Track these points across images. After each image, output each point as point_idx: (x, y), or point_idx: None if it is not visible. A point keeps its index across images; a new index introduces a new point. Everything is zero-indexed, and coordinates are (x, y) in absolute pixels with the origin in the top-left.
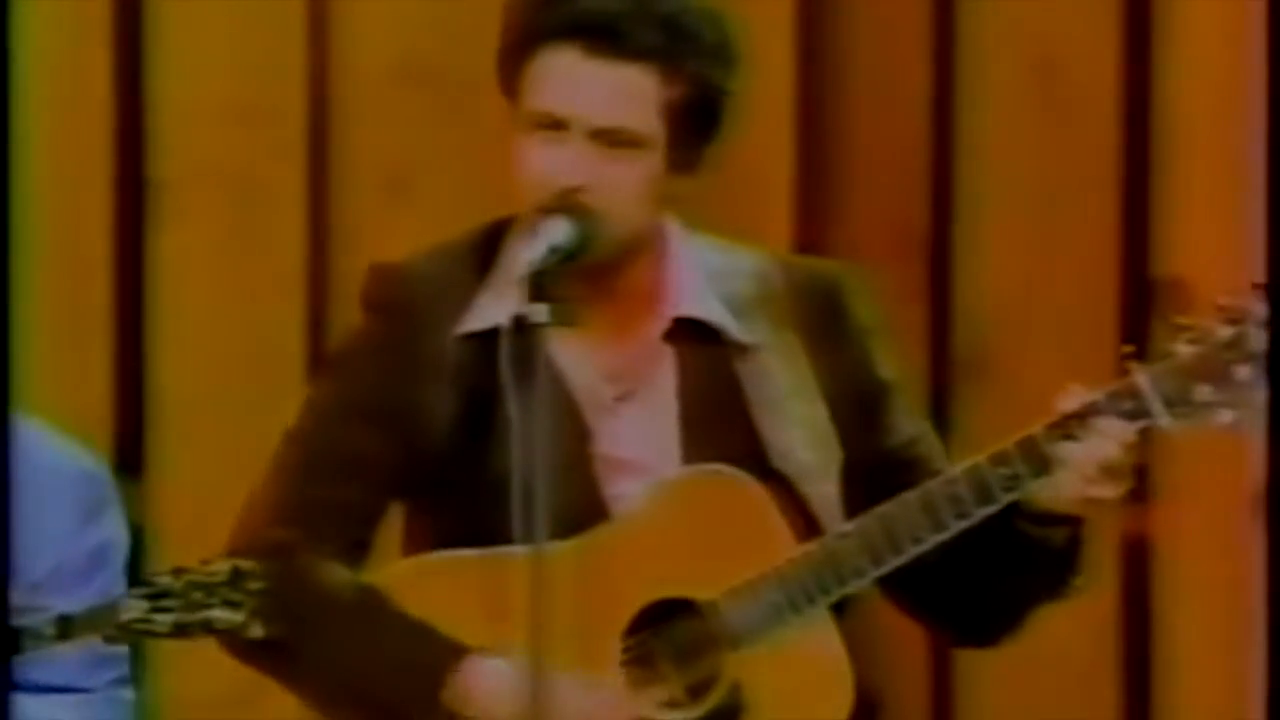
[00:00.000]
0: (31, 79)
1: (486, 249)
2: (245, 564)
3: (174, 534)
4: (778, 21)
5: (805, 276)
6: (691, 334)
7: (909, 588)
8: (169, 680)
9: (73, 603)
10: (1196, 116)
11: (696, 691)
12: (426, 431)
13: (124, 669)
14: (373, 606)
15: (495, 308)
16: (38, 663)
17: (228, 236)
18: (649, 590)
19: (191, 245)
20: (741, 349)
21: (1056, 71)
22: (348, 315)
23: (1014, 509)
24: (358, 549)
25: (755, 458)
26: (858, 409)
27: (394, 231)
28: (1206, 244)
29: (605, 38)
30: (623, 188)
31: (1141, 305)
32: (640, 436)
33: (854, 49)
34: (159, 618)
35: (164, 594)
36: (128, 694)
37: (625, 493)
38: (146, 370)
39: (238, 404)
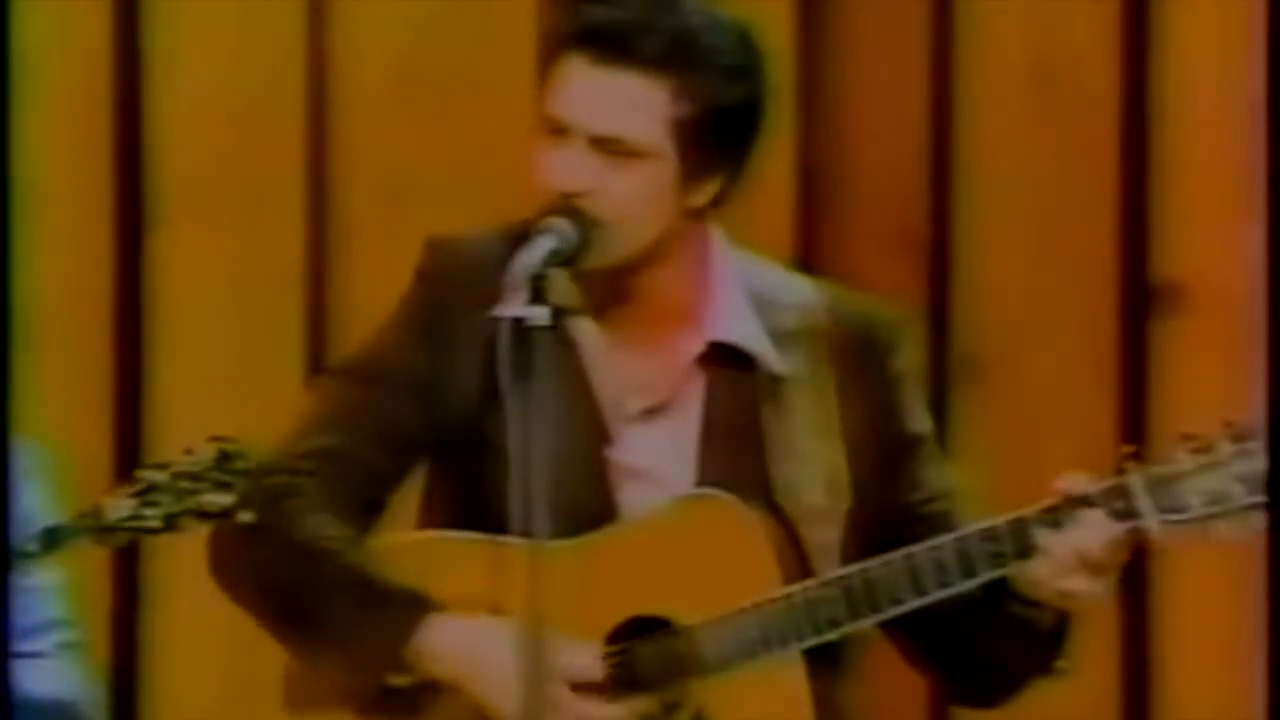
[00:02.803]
0: (32, 80)
1: None
2: (231, 445)
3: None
4: (777, 21)
5: (850, 316)
6: (727, 358)
7: (915, 638)
8: (168, 680)
9: None
10: (1196, 117)
11: (668, 710)
12: (451, 403)
13: (70, 634)
14: (350, 556)
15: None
16: None
17: (228, 236)
18: (633, 603)
19: (191, 245)
20: (772, 380)
21: (1056, 72)
22: (348, 315)
23: (1004, 586)
24: (371, 509)
25: (762, 492)
26: (880, 458)
27: (393, 232)
28: (1206, 245)
29: (612, 47)
30: (625, 196)
31: (1140, 307)
32: (658, 450)
33: (854, 49)
34: (148, 512)
35: (151, 488)
36: (78, 655)
37: (637, 501)
38: (146, 371)
39: (237, 405)
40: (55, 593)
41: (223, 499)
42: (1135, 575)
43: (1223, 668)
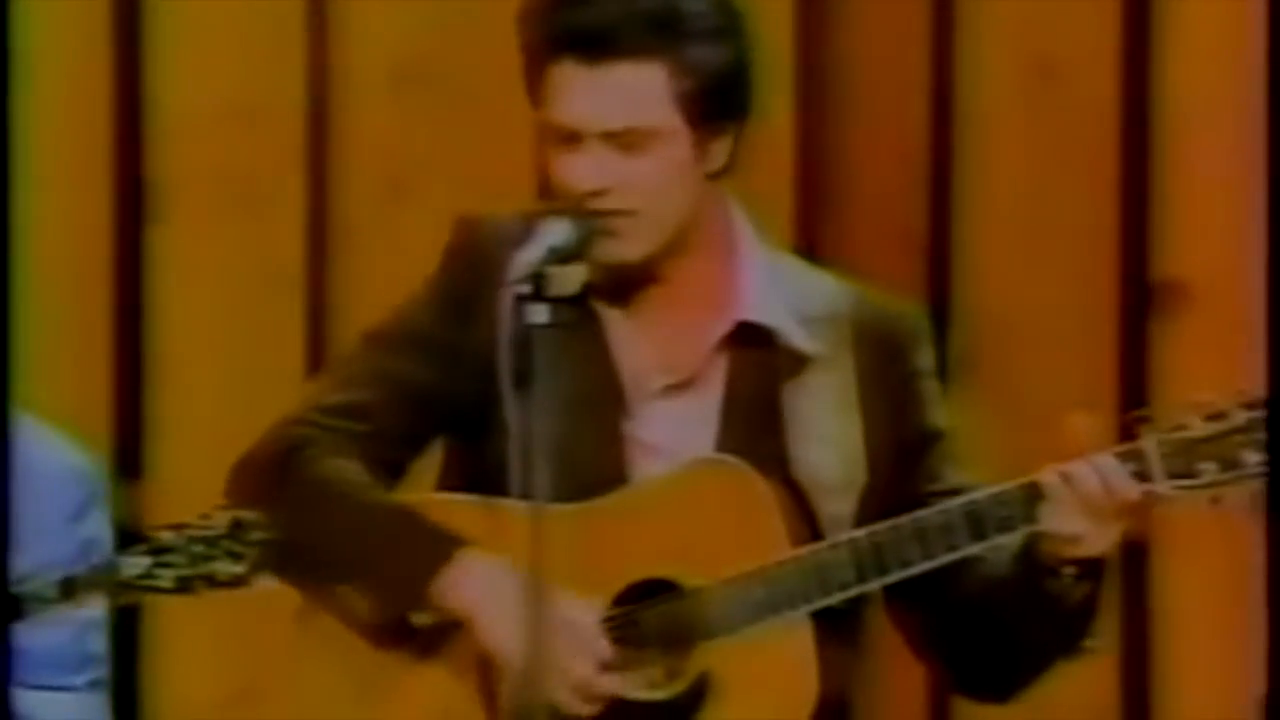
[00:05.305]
0: (31, 79)
1: None
2: (245, 515)
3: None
4: (778, 20)
5: (872, 310)
6: (750, 336)
7: (933, 622)
8: (168, 680)
9: None
10: (1196, 116)
11: (672, 674)
12: (472, 377)
13: (100, 672)
14: (372, 494)
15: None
16: (27, 663)
17: (228, 236)
18: (641, 566)
19: (192, 245)
20: (794, 359)
21: (1056, 71)
22: (348, 315)
23: (1031, 563)
24: (391, 470)
25: (780, 467)
26: (898, 449)
27: (394, 232)
28: (1206, 244)
29: (598, 43)
30: (648, 184)
31: (1140, 306)
32: (677, 427)
33: (854, 48)
34: (161, 573)
35: (165, 549)
36: (102, 697)
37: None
38: (146, 371)
39: (238, 404)
40: (96, 628)
41: (235, 568)
42: (1135, 572)
43: (1223, 664)
